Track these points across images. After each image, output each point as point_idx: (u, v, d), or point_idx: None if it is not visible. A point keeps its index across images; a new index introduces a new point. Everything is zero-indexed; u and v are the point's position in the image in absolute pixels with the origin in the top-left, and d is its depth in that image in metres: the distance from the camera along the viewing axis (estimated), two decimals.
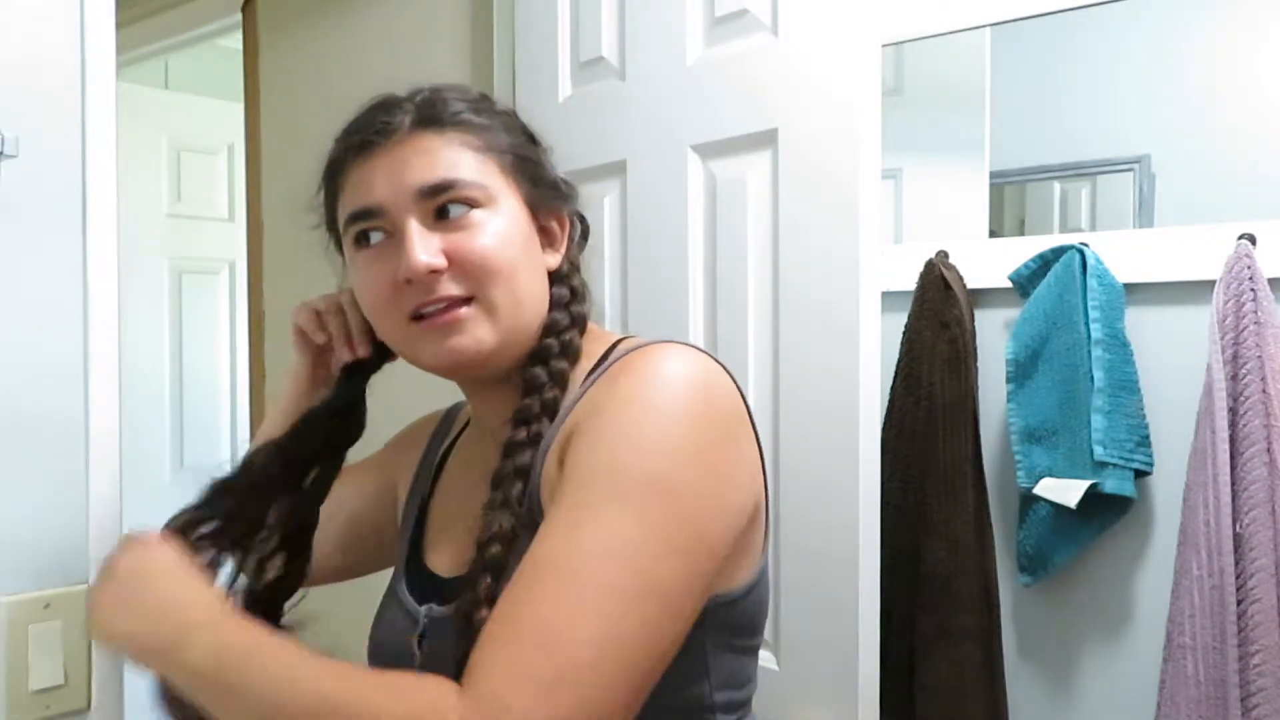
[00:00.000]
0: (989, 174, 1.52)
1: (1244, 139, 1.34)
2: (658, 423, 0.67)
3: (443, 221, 0.74)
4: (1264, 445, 1.17)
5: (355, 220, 0.76)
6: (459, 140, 0.76)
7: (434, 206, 0.74)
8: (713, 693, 0.74)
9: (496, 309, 0.75)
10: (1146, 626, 1.36)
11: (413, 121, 0.76)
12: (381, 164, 0.75)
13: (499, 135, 0.78)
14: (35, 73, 0.97)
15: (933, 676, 1.40)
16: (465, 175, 0.75)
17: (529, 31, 1.55)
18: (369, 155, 0.76)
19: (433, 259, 0.72)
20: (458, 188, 0.74)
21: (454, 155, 0.75)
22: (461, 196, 0.74)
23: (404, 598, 0.82)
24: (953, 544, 1.40)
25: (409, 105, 0.77)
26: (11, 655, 0.95)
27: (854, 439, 1.14)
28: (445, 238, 0.74)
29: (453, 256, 0.74)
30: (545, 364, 0.77)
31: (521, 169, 0.79)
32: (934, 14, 1.52)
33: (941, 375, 1.44)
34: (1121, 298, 1.35)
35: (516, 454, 0.74)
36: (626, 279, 1.38)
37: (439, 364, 0.77)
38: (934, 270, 1.47)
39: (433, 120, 0.76)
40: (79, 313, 1.00)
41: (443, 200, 0.74)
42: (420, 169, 0.74)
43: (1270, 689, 1.14)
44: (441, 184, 0.74)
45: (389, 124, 0.75)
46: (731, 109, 1.25)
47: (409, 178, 0.74)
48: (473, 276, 0.74)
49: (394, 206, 0.74)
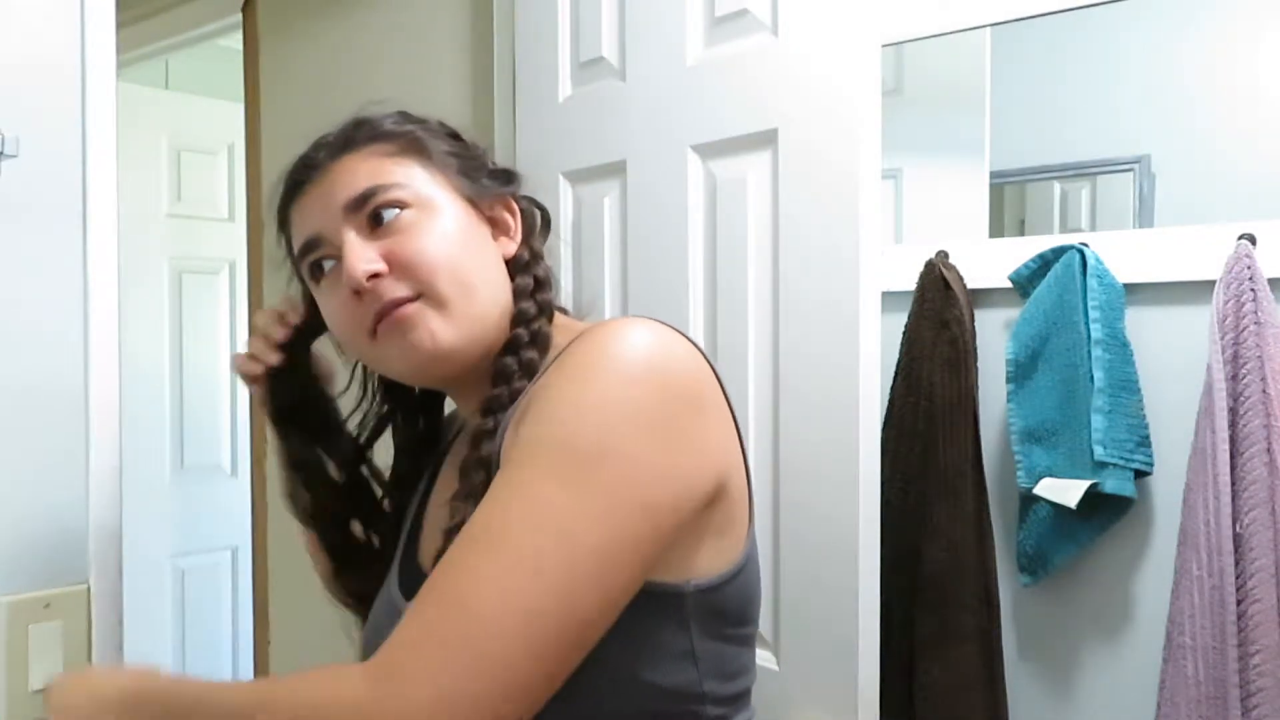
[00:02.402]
0: (989, 174, 1.52)
1: (1244, 139, 1.34)
2: (602, 388, 0.65)
3: (378, 230, 0.76)
4: (1264, 445, 1.17)
5: (304, 254, 0.80)
6: (377, 152, 0.79)
7: (364, 217, 0.77)
8: (702, 681, 0.72)
9: (446, 301, 0.76)
10: (1146, 626, 1.36)
11: (332, 151, 0.80)
12: (314, 196, 0.79)
13: (419, 138, 0.81)
14: (36, 73, 0.97)
15: (933, 676, 1.40)
16: (386, 179, 0.77)
17: (529, 31, 1.55)
18: (302, 194, 0.80)
19: (370, 264, 0.74)
20: (380, 193, 0.77)
21: (373, 166, 0.78)
22: (387, 200, 0.77)
23: (393, 593, 0.82)
24: (953, 544, 1.40)
25: (330, 138, 0.81)
26: (11, 655, 0.95)
27: (854, 439, 1.14)
28: (382, 244, 0.76)
29: (391, 259, 0.75)
30: (515, 354, 0.78)
31: (449, 165, 0.81)
32: (934, 14, 1.52)
33: (941, 375, 1.44)
34: (1121, 298, 1.35)
35: (484, 443, 0.74)
36: (626, 279, 1.38)
37: (404, 366, 0.78)
38: (934, 270, 1.47)
39: (349, 143, 0.79)
40: (79, 312, 1.00)
41: (370, 208, 0.77)
42: (343, 187, 0.77)
43: (1270, 689, 1.14)
44: (364, 193, 0.77)
45: (314, 159, 0.80)
46: (731, 109, 1.25)
47: (334, 198, 0.77)
48: (413, 274, 0.75)
49: (329, 229, 0.77)
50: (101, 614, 1.02)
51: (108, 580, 1.02)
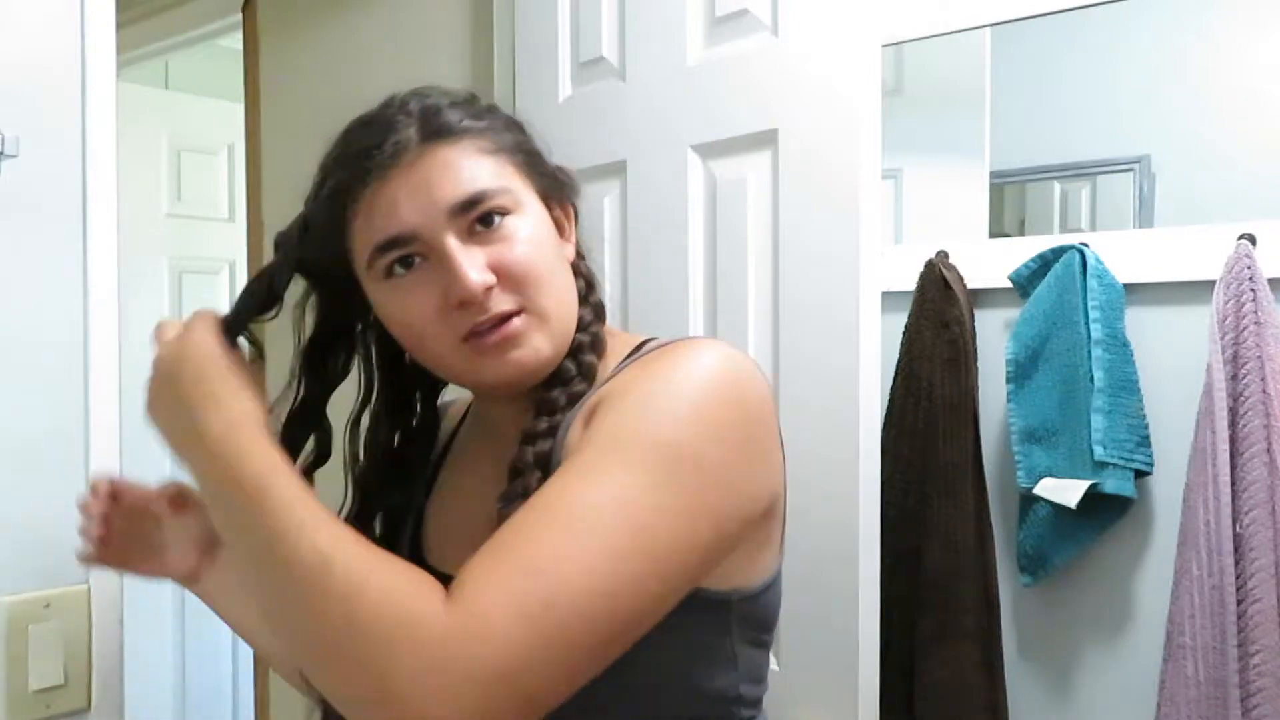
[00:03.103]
0: (989, 174, 1.52)
1: (1244, 139, 1.34)
2: (683, 397, 0.67)
3: (478, 234, 0.72)
4: (1264, 445, 1.17)
5: (386, 250, 0.72)
6: (474, 147, 0.73)
7: (469, 221, 0.72)
8: (739, 684, 0.75)
9: (547, 315, 0.73)
10: (1146, 626, 1.36)
11: (420, 136, 0.72)
12: (402, 186, 0.71)
13: (503, 134, 0.77)
14: (36, 73, 0.97)
15: (933, 676, 1.40)
16: (490, 184, 0.72)
17: (529, 31, 1.55)
18: (385, 179, 0.71)
19: (484, 276, 0.70)
20: (489, 198, 0.72)
21: (473, 164, 0.73)
22: (495, 207, 0.72)
23: None
24: (953, 544, 1.40)
25: (408, 119, 0.73)
26: (11, 655, 0.95)
27: (854, 439, 1.14)
28: (486, 251, 0.72)
29: (498, 270, 0.71)
30: (575, 358, 0.77)
31: (531, 164, 0.78)
32: (934, 14, 1.52)
33: (941, 375, 1.44)
34: (1121, 298, 1.35)
35: (537, 441, 0.73)
36: (626, 279, 1.38)
37: (502, 380, 0.75)
38: (934, 270, 1.47)
39: (441, 131, 0.73)
40: (79, 312, 1.00)
41: (477, 213, 0.72)
42: (447, 185, 0.71)
43: (1270, 689, 1.14)
44: (474, 196, 0.71)
45: (397, 143, 0.72)
46: (731, 109, 1.25)
47: (437, 196, 0.71)
48: (520, 287, 0.72)
49: (427, 229, 0.71)
50: (101, 614, 1.02)
51: (108, 580, 1.02)
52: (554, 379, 0.76)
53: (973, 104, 1.53)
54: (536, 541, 0.60)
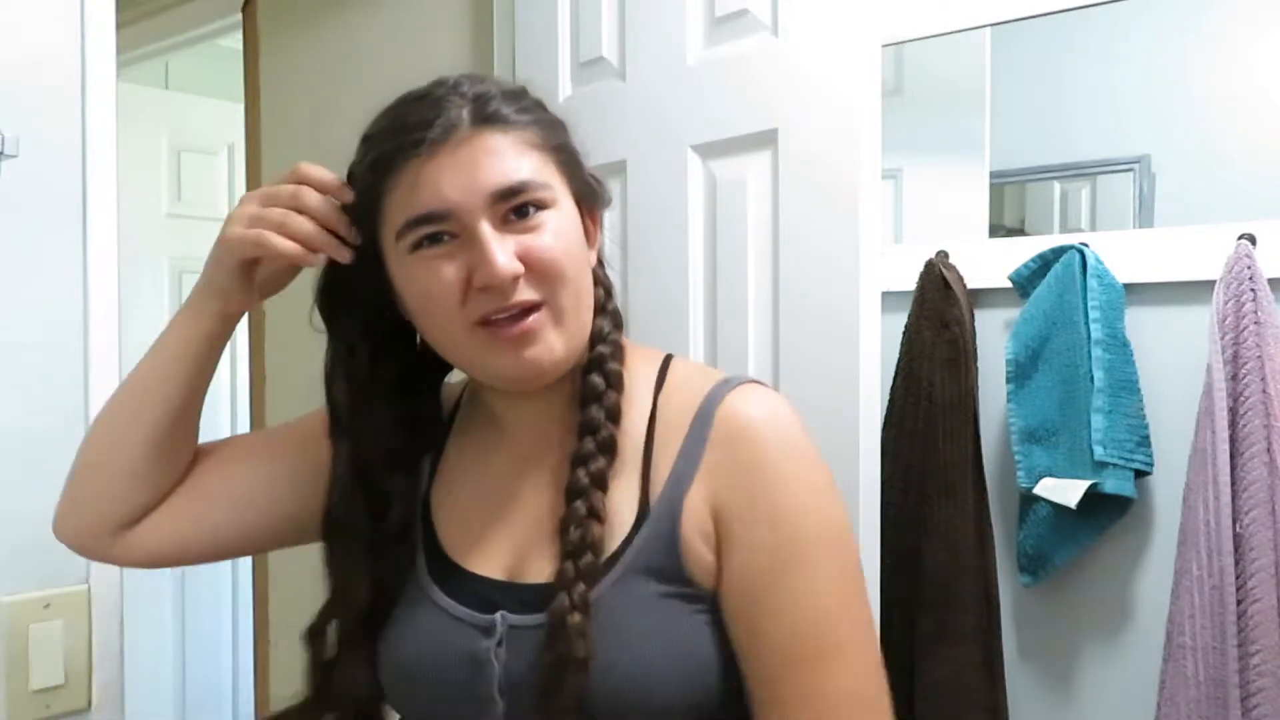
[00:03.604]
0: (989, 174, 1.52)
1: (1244, 139, 1.34)
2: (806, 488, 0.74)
3: (511, 224, 0.73)
4: (1264, 445, 1.17)
5: (420, 224, 0.72)
6: (522, 139, 0.74)
7: (506, 209, 0.72)
8: None
9: (564, 314, 0.74)
10: (1146, 626, 1.36)
11: (472, 119, 0.73)
12: (447, 164, 0.72)
13: (549, 131, 0.77)
14: (35, 73, 0.97)
15: (933, 676, 1.40)
16: (533, 176, 0.73)
17: (529, 31, 1.55)
18: (432, 155, 0.72)
19: (513, 265, 0.71)
20: (529, 189, 0.73)
21: (520, 155, 0.73)
22: (532, 199, 0.73)
23: (446, 603, 0.77)
24: (953, 544, 1.40)
25: (461, 100, 0.73)
26: (11, 655, 0.95)
27: (854, 439, 1.14)
28: (517, 240, 0.72)
29: (526, 260, 0.72)
30: (601, 370, 0.77)
31: (570, 165, 0.78)
32: (934, 14, 1.52)
33: (941, 375, 1.44)
34: (1121, 298, 1.35)
35: (590, 463, 0.74)
36: (626, 279, 1.38)
37: (513, 376, 0.75)
38: (934, 270, 1.47)
39: (493, 118, 0.73)
40: (79, 312, 1.00)
41: (516, 203, 0.72)
42: (491, 170, 0.72)
43: (1270, 689, 1.14)
44: (516, 186, 0.72)
45: (448, 121, 0.72)
46: (731, 109, 1.25)
47: (481, 180, 0.71)
48: (545, 281, 0.73)
49: (464, 209, 0.71)
50: (101, 614, 1.02)
51: (108, 580, 1.02)
52: (588, 396, 0.77)
53: (973, 104, 1.53)
54: (837, 682, 0.72)
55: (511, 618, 0.74)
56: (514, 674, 0.72)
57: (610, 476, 0.75)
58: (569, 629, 0.68)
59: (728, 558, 0.73)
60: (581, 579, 0.70)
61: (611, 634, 0.70)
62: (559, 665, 0.68)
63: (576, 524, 0.72)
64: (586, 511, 0.72)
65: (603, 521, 0.73)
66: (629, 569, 0.73)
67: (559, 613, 0.69)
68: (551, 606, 0.70)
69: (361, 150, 0.77)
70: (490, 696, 0.73)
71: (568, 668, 0.68)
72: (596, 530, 0.72)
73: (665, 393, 0.79)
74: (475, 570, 0.79)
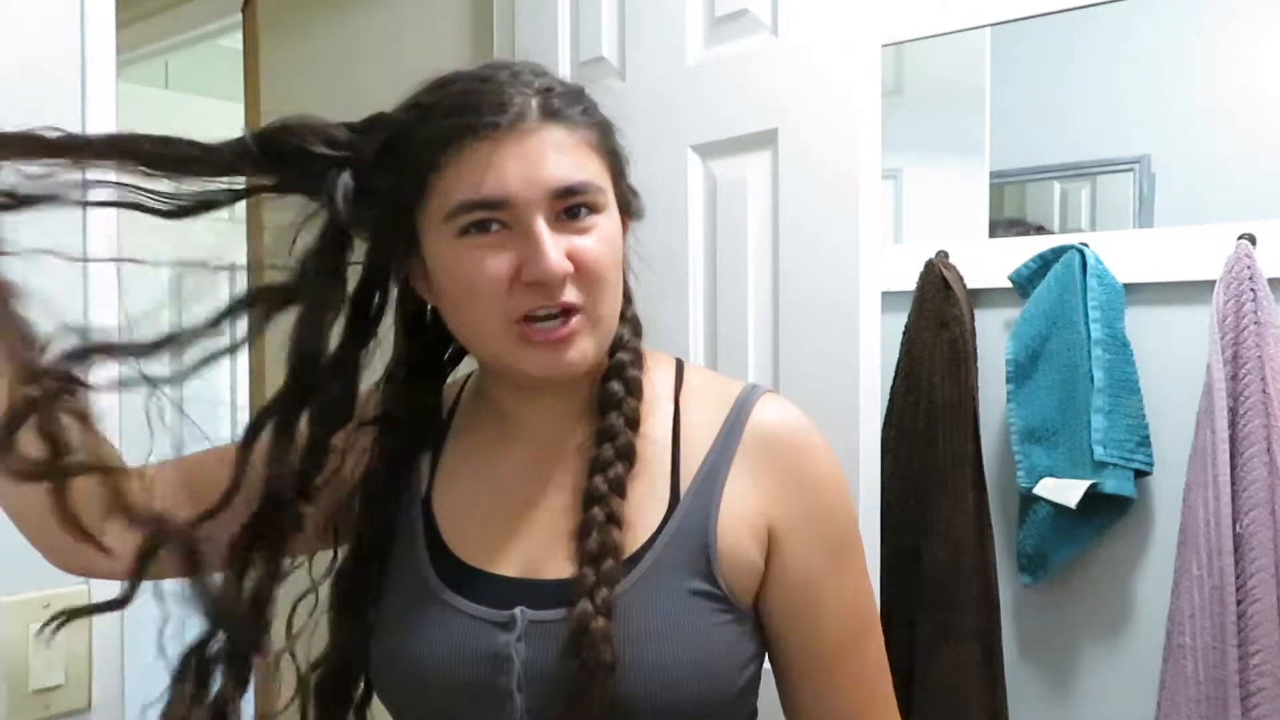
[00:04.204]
0: (989, 174, 1.52)
1: (1244, 139, 1.34)
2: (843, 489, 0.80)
3: (564, 222, 0.71)
4: (1264, 445, 1.17)
5: (476, 208, 0.70)
6: (585, 139, 0.74)
7: (563, 207, 0.71)
8: None
9: (601, 319, 0.74)
10: (1146, 626, 1.36)
11: (540, 111, 0.71)
12: (513, 153, 0.70)
13: (605, 135, 0.77)
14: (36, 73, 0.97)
15: (933, 677, 1.40)
16: (594, 178, 0.73)
17: (529, 31, 1.55)
18: (495, 140, 0.70)
19: (565, 264, 0.70)
20: (589, 191, 0.72)
21: (584, 155, 0.73)
22: (588, 201, 0.72)
23: (457, 601, 0.76)
24: (953, 544, 1.40)
25: (529, 90, 0.72)
26: (11, 655, 0.95)
27: (854, 439, 1.14)
28: (567, 241, 0.71)
29: (574, 261, 0.71)
30: (620, 377, 0.78)
31: (619, 171, 0.79)
32: (934, 14, 1.52)
33: (941, 375, 1.44)
34: (1121, 298, 1.35)
35: (608, 469, 0.74)
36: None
37: (543, 375, 0.74)
38: (934, 270, 1.47)
39: (560, 113, 0.72)
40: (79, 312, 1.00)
41: (574, 202, 0.72)
42: (555, 166, 0.70)
43: (1270, 689, 1.14)
44: (577, 186, 0.71)
45: (519, 108, 0.70)
46: (731, 109, 1.25)
47: (544, 174, 0.70)
48: (589, 284, 0.72)
49: (523, 201, 0.70)
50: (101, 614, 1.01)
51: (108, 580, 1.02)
52: (607, 403, 0.77)
53: (973, 104, 1.53)
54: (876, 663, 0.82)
55: (531, 613, 0.73)
56: (533, 669, 0.72)
57: (630, 479, 0.75)
58: (593, 633, 0.68)
59: (784, 560, 0.76)
60: (604, 583, 0.70)
61: (635, 632, 0.70)
62: (586, 671, 0.68)
63: (596, 530, 0.72)
64: (605, 518, 0.72)
65: (621, 527, 0.73)
66: (655, 564, 0.73)
67: (583, 619, 0.69)
68: (574, 612, 0.69)
69: (414, 116, 0.74)
70: (509, 692, 0.72)
71: (596, 674, 0.68)
72: (616, 535, 0.72)
73: (685, 395, 0.80)
74: (489, 569, 0.77)
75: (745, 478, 0.76)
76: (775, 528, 0.76)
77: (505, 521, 0.79)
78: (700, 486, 0.76)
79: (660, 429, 0.78)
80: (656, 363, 0.83)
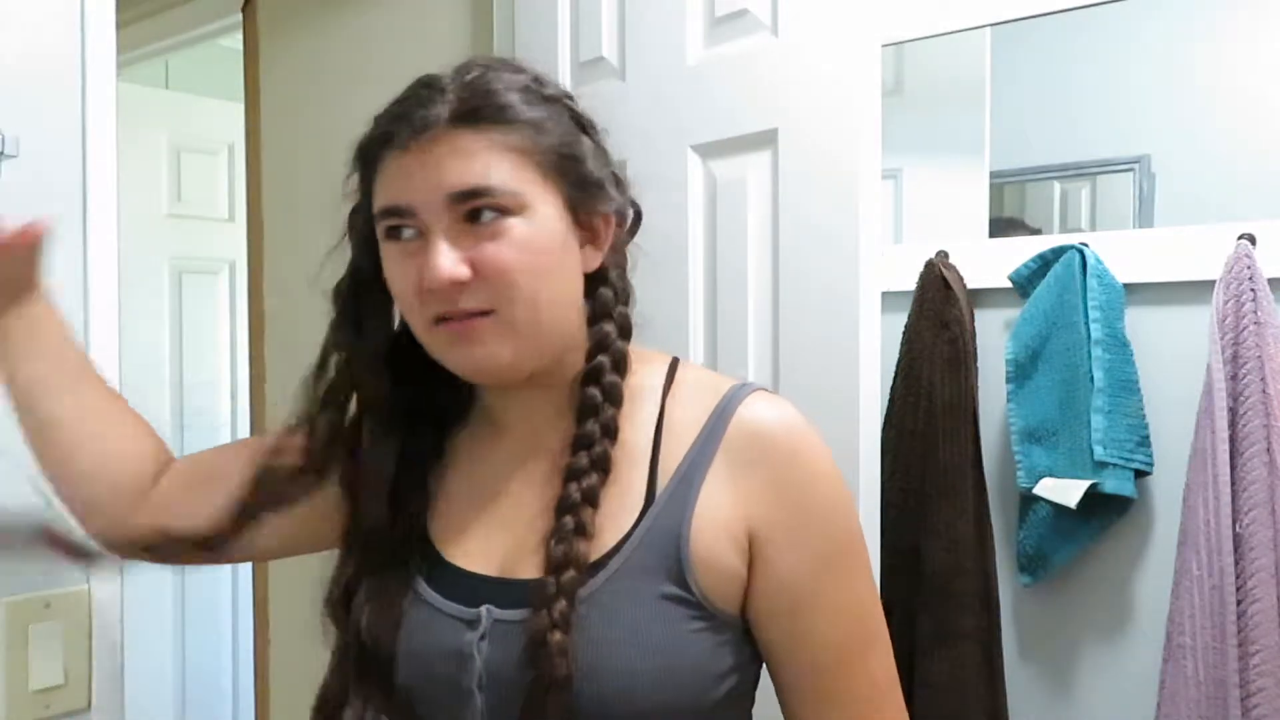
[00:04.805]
0: (989, 174, 1.52)
1: (1244, 139, 1.34)
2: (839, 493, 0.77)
3: (473, 226, 0.72)
4: (1264, 445, 1.17)
5: (386, 216, 0.74)
6: (498, 141, 0.72)
7: (464, 211, 0.72)
8: None
9: (515, 324, 0.73)
10: (1146, 626, 1.36)
11: (451, 115, 0.72)
12: (416, 162, 0.72)
13: (542, 132, 0.75)
14: (35, 73, 0.97)
15: (933, 676, 1.40)
16: (499, 182, 0.71)
17: (529, 31, 1.55)
18: (403, 150, 0.72)
19: (455, 270, 0.70)
20: (490, 195, 0.71)
21: (490, 158, 0.72)
22: (493, 204, 0.71)
23: (431, 596, 0.77)
24: (953, 544, 1.40)
25: (450, 95, 0.73)
26: (11, 655, 0.95)
27: (854, 439, 1.14)
28: (473, 246, 0.71)
29: (477, 267, 0.71)
30: (598, 383, 0.76)
31: (563, 169, 0.76)
32: (934, 14, 1.52)
33: (941, 375, 1.44)
34: (1121, 298, 1.35)
35: (582, 479, 0.73)
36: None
37: (461, 371, 0.76)
38: (934, 270, 1.47)
39: (472, 116, 0.72)
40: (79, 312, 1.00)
41: (473, 206, 0.71)
42: (454, 172, 0.71)
43: (1270, 689, 1.14)
44: (474, 190, 0.71)
45: (425, 118, 0.72)
46: (732, 109, 1.25)
47: (442, 180, 0.71)
48: (494, 290, 0.72)
49: (424, 209, 0.72)
50: (101, 614, 1.02)
51: (108, 580, 1.02)
52: (585, 410, 0.76)
53: (973, 104, 1.53)
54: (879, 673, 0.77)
55: (497, 612, 0.73)
56: (494, 669, 0.72)
57: (606, 486, 0.74)
58: (550, 647, 0.67)
59: (769, 566, 0.73)
60: (562, 595, 0.69)
61: (598, 638, 0.69)
62: (540, 684, 0.68)
63: (561, 539, 0.71)
64: (574, 527, 0.71)
65: (590, 538, 0.72)
66: (623, 568, 0.72)
67: (539, 631, 0.68)
68: (532, 624, 0.69)
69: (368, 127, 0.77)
70: (470, 690, 0.72)
71: (550, 686, 0.68)
72: (580, 546, 0.71)
73: (673, 395, 0.78)
74: (465, 566, 0.78)
75: (724, 478, 0.74)
76: (757, 531, 0.73)
77: (487, 519, 0.80)
78: (676, 487, 0.74)
79: (642, 431, 0.77)
80: (647, 361, 0.82)
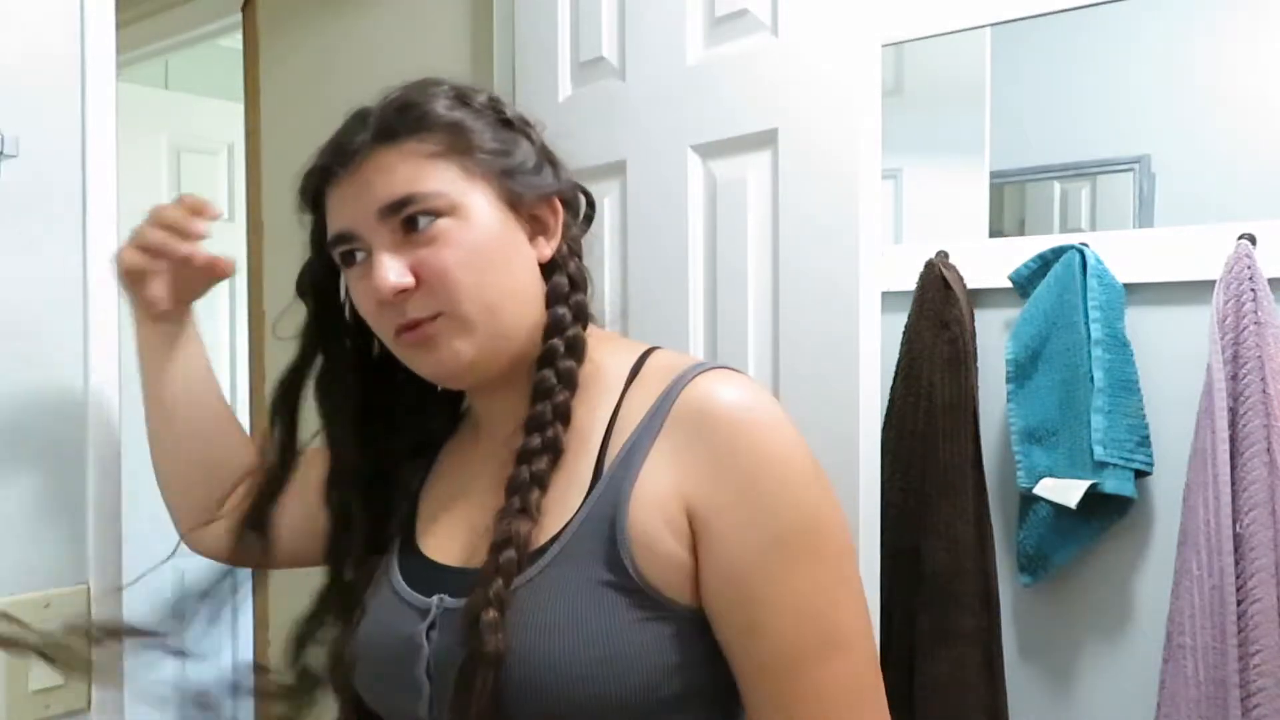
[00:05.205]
0: (989, 174, 1.52)
1: (1244, 139, 1.34)
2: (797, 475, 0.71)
3: (411, 235, 0.74)
4: (1264, 445, 1.17)
5: (336, 244, 0.78)
6: (417, 151, 0.75)
7: (398, 222, 0.74)
8: None
9: (468, 321, 0.74)
10: (1146, 626, 1.36)
11: (371, 138, 0.75)
12: (348, 186, 0.76)
13: (462, 132, 0.77)
14: (35, 73, 0.97)
15: (933, 676, 1.40)
16: (424, 187, 0.74)
17: (529, 31, 1.55)
18: (336, 181, 0.77)
19: (400, 280, 0.73)
20: (416, 201, 0.74)
21: (412, 168, 0.74)
22: (422, 209, 0.74)
23: (400, 588, 0.79)
24: (953, 544, 1.40)
25: (372, 120, 0.76)
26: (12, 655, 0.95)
27: (854, 439, 1.14)
28: (413, 254, 0.74)
29: (419, 273, 0.74)
30: (552, 366, 0.77)
31: (493, 165, 0.77)
32: (934, 14, 1.52)
33: (941, 375, 1.44)
34: (1121, 298, 1.35)
35: (533, 460, 0.74)
36: (626, 280, 1.38)
37: (431, 376, 0.79)
38: (934, 270, 1.47)
39: (389, 134, 0.75)
40: (79, 313, 1.00)
41: (404, 214, 0.74)
42: (380, 187, 0.74)
43: (1270, 689, 1.14)
44: (399, 200, 0.74)
45: (348, 146, 0.76)
46: (731, 109, 1.25)
47: (369, 198, 0.75)
48: (439, 294, 0.74)
49: (362, 229, 0.75)
50: (101, 614, 1.01)
51: (108, 580, 1.02)
52: (538, 393, 0.76)
53: (973, 104, 1.53)
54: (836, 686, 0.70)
55: (449, 600, 0.75)
56: (442, 657, 0.73)
57: (556, 470, 0.74)
58: (482, 624, 0.68)
59: (711, 552, 0.70)
60: (499, 574, 0.70)
61: (534, 623, 0.69)
62: (471, 662, 0.68)
63: (505, 518, 0.72)
64: (519, 507, 0.72)
65: (534, 519, 0.72)
66: (562, 553, 0.71)
67: (473, 609, 0.69)
68: (468, 601, 0.70)
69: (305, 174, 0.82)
70: (420, 679, 0.73)
71: (479, 664, 0.68)
72: (523, 527, 0.71)
73: (637, 382, 0.77)
74: (431, 556, 0.80)
75: (665, 456, 0.71)
76: (697, 512, 0.70)
77: (457, 511, 0.82)
78: (617, 469, 0.72)
79: (599, 415, 0.76)
80: (619, 351, 0.81)
